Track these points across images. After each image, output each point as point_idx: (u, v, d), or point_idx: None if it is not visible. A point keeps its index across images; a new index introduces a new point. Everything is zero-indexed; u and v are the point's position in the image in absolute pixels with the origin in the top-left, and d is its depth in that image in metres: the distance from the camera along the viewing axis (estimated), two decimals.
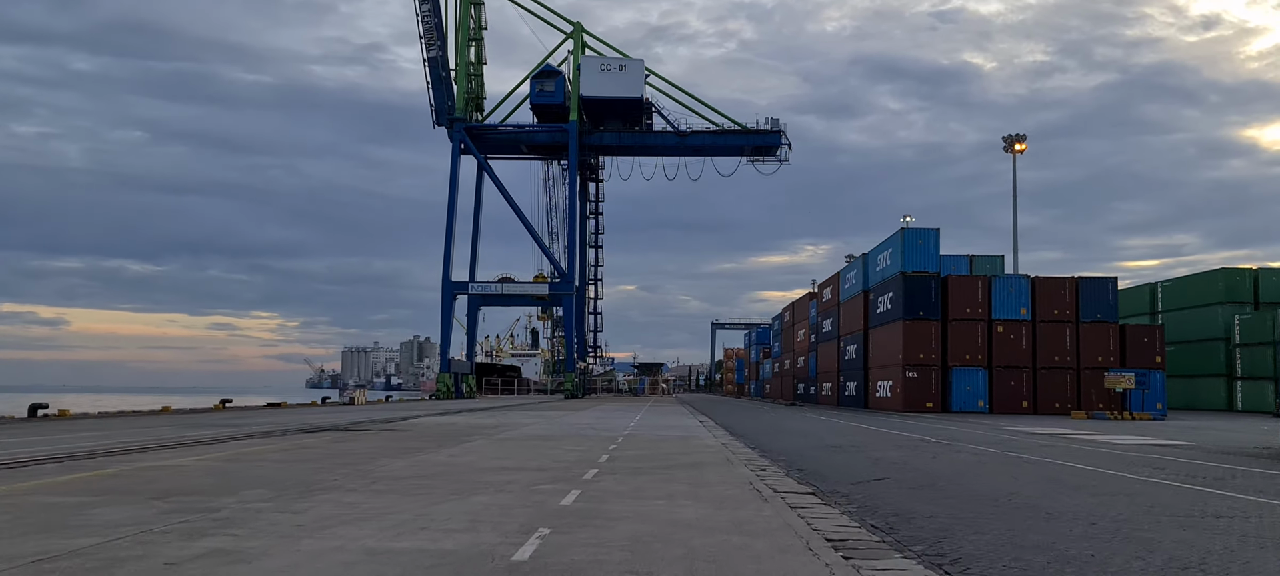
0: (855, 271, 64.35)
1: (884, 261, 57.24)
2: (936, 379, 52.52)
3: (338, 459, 17.20)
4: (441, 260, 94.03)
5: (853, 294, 64.68)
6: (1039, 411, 52.01)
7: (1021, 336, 52.83)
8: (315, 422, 31.40)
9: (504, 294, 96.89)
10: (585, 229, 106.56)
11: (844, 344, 67.14)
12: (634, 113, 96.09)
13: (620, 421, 35.00)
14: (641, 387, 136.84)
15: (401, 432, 26.49)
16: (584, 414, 43.17)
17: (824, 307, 74.78)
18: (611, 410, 49.50)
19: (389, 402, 69.06)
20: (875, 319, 58.99)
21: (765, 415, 48.99)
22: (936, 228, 54.20)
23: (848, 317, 66.10)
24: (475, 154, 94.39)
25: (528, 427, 29.70)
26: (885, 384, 56.31)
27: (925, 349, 52.65)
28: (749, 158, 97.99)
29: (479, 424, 32.25)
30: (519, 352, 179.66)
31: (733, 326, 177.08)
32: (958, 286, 53.32)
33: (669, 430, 29.35)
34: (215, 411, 43.94)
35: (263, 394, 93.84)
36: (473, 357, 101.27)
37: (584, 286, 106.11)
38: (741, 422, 38.07)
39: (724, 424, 35.59)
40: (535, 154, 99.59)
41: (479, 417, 37.49)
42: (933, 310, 52.90)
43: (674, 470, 15.95)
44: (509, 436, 25.01)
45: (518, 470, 15.44)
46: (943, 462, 19.09)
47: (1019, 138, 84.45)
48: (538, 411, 46.17)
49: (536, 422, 33.24)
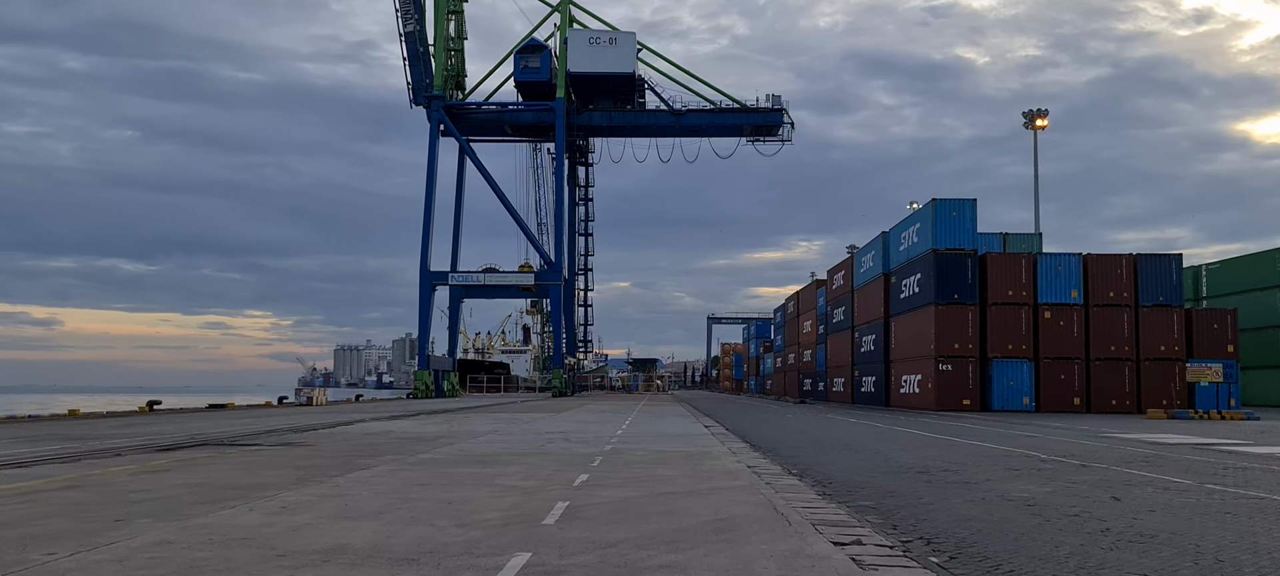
0: (873, 252, 56.42)
1: (909, 239, 49.29)
2: (974, 372, 44.62)
3: (70, 512, 9.32)
4: (420, 250, 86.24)
5: (870, 278, 56.75)
6: (1093, 409, 44.16)
7: (1072, 323, 44.94)
8: (214, 433, 23.44)
9: (487, 285, 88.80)
10: (574, 216, 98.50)
11: (859, 335, 59.23)
12: (625, 90, 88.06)
13: (605, 427, 27.06)
14: (635, 385, 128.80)
15: (295, 450, 18.50)
16: (564, 416, 35.18)
17: (834, 295, 66.87)
18: (598, 411, 41.52)
19: (356, 403, 61.24)
20: (898, 305, 51.08)
21: (781, 417, 40.99)
22: (973, 198, 46.32)
23: (864, 305, 58.19)
24: (456, 135, 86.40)
25: (477, 441, 21.68)
26: (911, 379, 48.39)
27: (961, 338, 44.74)
28: (749, 138, 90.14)
29: (419, 433, 24.26)
30: (511, 349, 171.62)
31: (730, 321, 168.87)
32: (998, 266, 45.39)
33: (668, 440, 21.43)
34: (138, 415, 36.29)
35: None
36: (455, 353, 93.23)
37: (573, 277, 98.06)
38: (758, 428, 30.09)
39: (737, 430, 27.63)
40: (520, 135, 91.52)
41: (429, 424, 29.43)
42: (969, 293, 44.99)
43: (688, 541, 8.03)
44: (436, 457, 17.00)
45: (366, 559, 7.47)
46: (1136, 507, 11.15)
47: (1040, 112, 76.54)
48: (510, 414, 38.15)
49: (495, 431, 25.24)
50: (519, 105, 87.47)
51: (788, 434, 26.72)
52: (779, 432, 27.30)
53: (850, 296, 61.61)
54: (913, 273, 48.37)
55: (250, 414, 38.32)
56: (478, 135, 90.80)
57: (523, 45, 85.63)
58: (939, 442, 22.44)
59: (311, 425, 27.77)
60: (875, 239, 56.20)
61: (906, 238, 49.95)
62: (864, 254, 58.89)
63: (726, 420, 34.64)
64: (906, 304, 49.52)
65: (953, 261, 45.03)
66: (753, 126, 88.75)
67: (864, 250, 59.06)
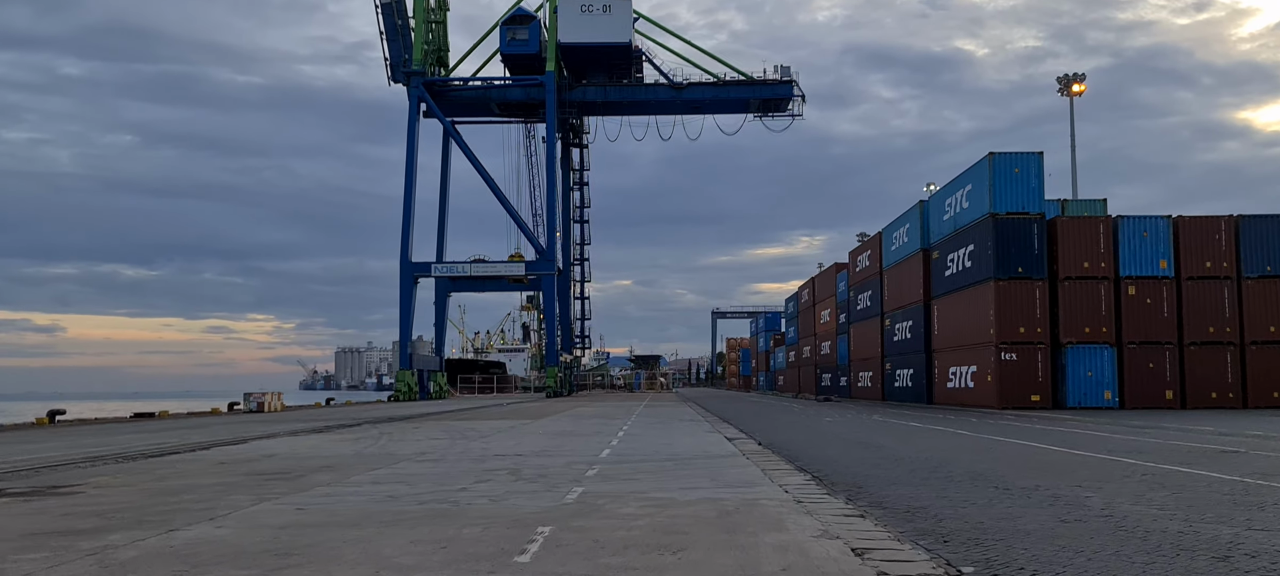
0: (908, 225, 47.97)
1: (957, 205, 40.87)
2: (1043, 361, 36.22)
3: None
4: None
5: (904, 255, 48.35)
6: (1188, 404, 35.80)
7: (1161, 300, 36.53)
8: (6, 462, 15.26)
9: (475, 277, 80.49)
10: (568, 202, 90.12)
11: (891, 322, 50.84)
12: (621, 62, 79.66)
13: (588, 443, 18.69)
14: (637, 383, 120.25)
15: (28, 505, 10.16)
16: (541, 425, 26.78)
17: (858, 278, 58.47)
18: (590, 416, 33.13)
19: (323, 407, 53.09)
20: (942, 284, 42.69)
21: (817, 421, 32.55)
22: (1038, 150, 37.94)
23: (897, 287, 49.79)
24: (438, 115, 78.11)
25: (372, 482, 13.29)
26: (963, 371, 39.98)
27: (1027, 320, 36.35)
28: (756, 114, 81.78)
29: (331, 455, 15.98)
30: (510, 348, 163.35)
31: (735, 315, 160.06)
32: (1071, 233, 36.96)
33: (678, 470, 13.07)
34: (33, 428, 28.51)
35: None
36: (442, 351, 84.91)
37: (569, 268, 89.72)
38: (802, 440, 21.70)
39: (773, 443, 19.26)
40: (508, 115, 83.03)
41: (344, 443, 21.01)
42: (1036, 266, 36.61)
43: None
44: (212, 536, 8.55)
45: None
46: None
47: (1077, 77, 67.94)
48: (474, 421, 29.72)
49: (423, 456, 16.83)
50: (506, 81, 79.12)
51: (849, 450, 18.28)
52: (837, 449, 18.84)
53: (878, 278, 53.23)
54: (962, 244, 39.98)
55: (166, 426, 30.17)
56: (463, 116, 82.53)
57: (509, 15, 77.32)
58: (1099, 464, 14.01)
59: (187, 445, 19.59)
60: (910, 210, 47.79)
61: (952, 204, 41.54)
62: (895, 228, 50.48)
63: (750, 426, 26.23)
64: (953, 282, 41.14)
65: (1016, 228, 36.63)
66: (760, 101, 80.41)
67: (895, 224, 50.66)
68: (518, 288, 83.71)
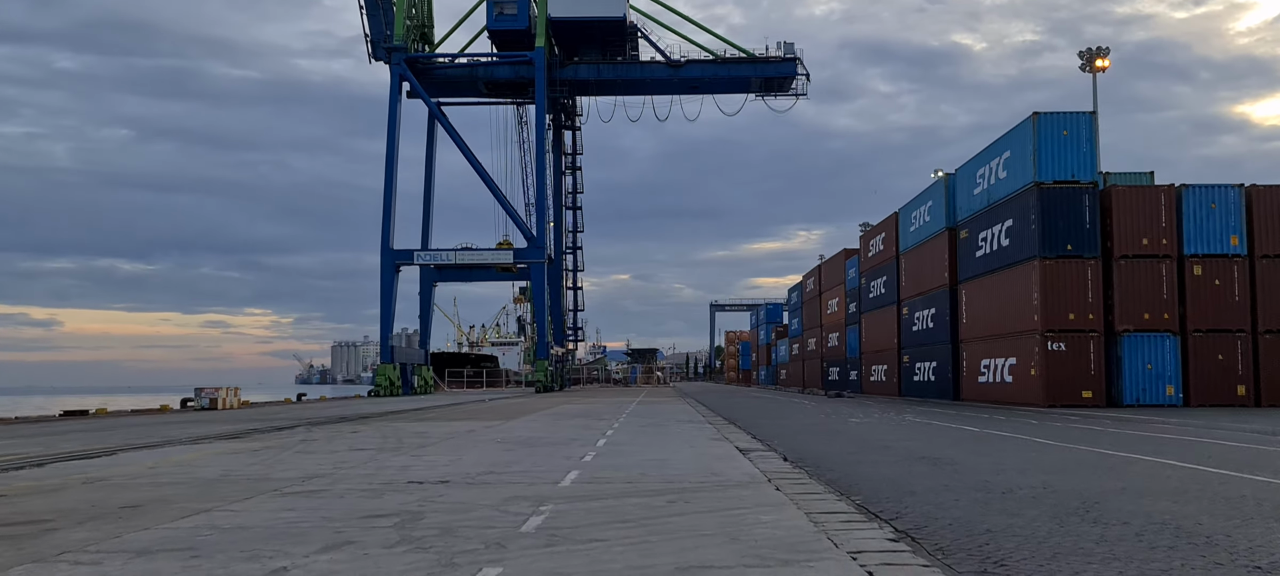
0: (930, 203, 42.78)
1: (992, 174, 35.66)
2: (1096, 352, 31.04)
3: None
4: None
5: (926, 236, 43.18)
6: (1263, 401, 30.70)
7: (1232, 281, 31.37)
8: None
9: (460, 265, 75.32)
10: (560, 187, 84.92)
11: (909, 310, 45.69)
12: (616, 39, 74.45)
13: (556, 456, 13.47)
14: (633, 377, 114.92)
15: None
16: (510, 427, 21.58)
17: (871, 264, 53.29)
18: (573, 415, 27.94)
19: (297, 403, 48.00)
20: (971, 266, 37.52)
21: (844, 423, 27.29)
22: (1089, 109, 32.76)
23: (917, 271, 44.62)
24: (423, 95, 72.87)
25: (230, 514, 8.04)
26: (997, 364, 34.82)
27: (1078, 305, 31.17)
28: (758, 93, 76.57)
29: (186, 479, 10.78)
30: (504, 342, 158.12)
31: (734, 308, 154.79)
32: (1128, 204, 31.74)
33: (672, 509, 7.91)
34: None
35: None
36: (427, 344, 79.69)
37: (561, 256, 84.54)
38: (838, 452, 16.48)
39: (810, 460, 14.05)
40: (496, 95, 77.69)
41: (256, 452, 15.75)
42: (1087, 242, 31.42)
43: None
44: None
45: None
46: None
47: (1100, 51, 62.48)
48: (436, 422, 24.47)
49: (332, 469, 11.66)
50: (493, 57, 73.88)
51: (913, 470, 12.95)
52: (896, 469, 13.49)
53: (895, 263, 48.06)
54: (997, 220, 34.79)
55: (86, 426, 25.19)
56: (448, 96, 77.29)
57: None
58: None
59: (53, 455, 14.61)
60: (932, 186, 42.58)
61: (985, 176, 36.34)
62: (914, 207, 45.28)
63: (764, 431, 21.04)
64: (986, 263, 35.97)
65: (1064, 199, 31.43)
66: (761, 80, 75.25)
67: (915, 202, 45.46)
68: (507, 277, 78.44)
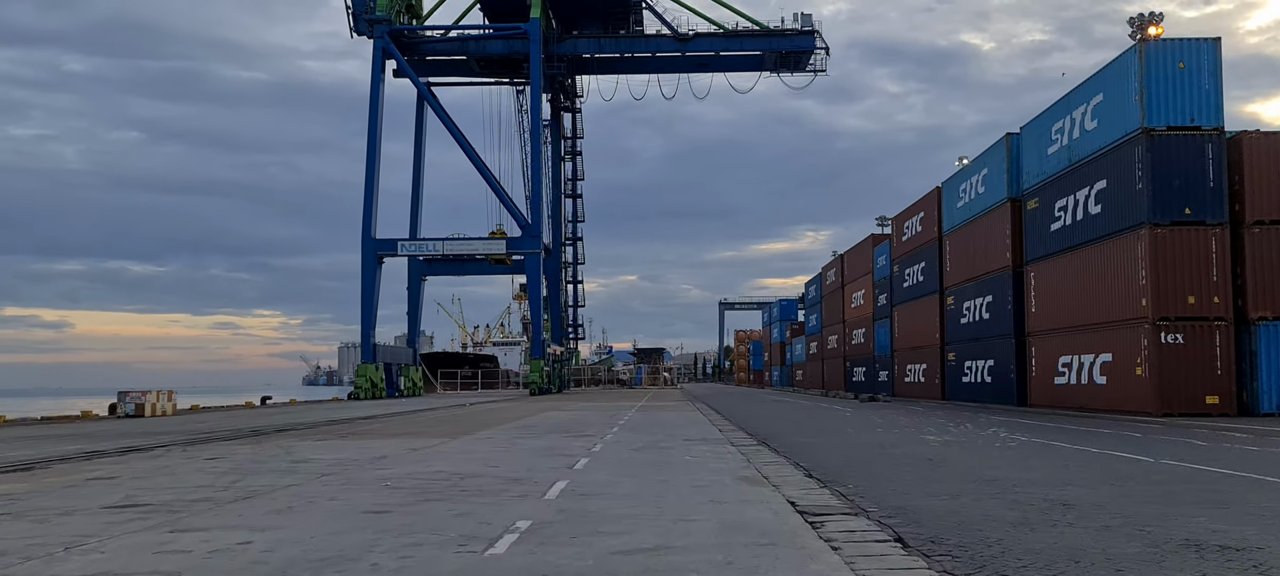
0: (985, 170, 35.47)
1: (1076, 126, 28.36)
2: (1224, 346, 23.81)
3: None
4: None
5: (978, 211, 35.92)
6: None
7: None
8: None
9: (449, 257, 68.22)
10: (559, 173, 77.84)
11: (957, 299, 38.45)
12: (618, 10, 67.27)
13: (456, 526, 6.47)
14: (638, 379, 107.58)
15: None
16: (448, 450, 14.47)
17: (905, 249, 46.02)
18: (550, 428, 20.73)
19: (256, 407, 41.19)
20: (1045, 241, 30.27)
21: (922, 445, 19.82)
22: (1214, 36, 25.56)
23: (966, 253, 37.38)
24: (409, 74, 65.87)
25: None
26: (1085, 362, 27.53)
27: (1199, 285, 23.91)
28: (772, 70, 69.38)
29: None
30: (505, 341, 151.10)
31: (744, 306, 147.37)
32: (1265, 155, 24.52)
33: None
34: None
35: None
36: (415, 343, 72.60)
37: (560, 248, 77.45)
38: (980, 515, 9.20)
39: (919, 516, 6.97)
40: (489, 73, 70.57)
41: None
42: (1210, 206, 24.18)
43: None
44: None
45: None
46: None
47: (1153, 18, 54.76)
48: (374, 438, 17.30)
49: None
50: (485, 30, 66.89)
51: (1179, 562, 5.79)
52: None
53: (936, 245, 40.83)
54: (1083, 183, 27.56)
55: None
56: (438, 75, 70.33)
57: None
58: None
59: None
60: (989, 150, 35.27)
61: (1065, 129, 29.08)
62: (964, 178, 38.00)
63: (821, 460, 13.88)
64: (1066, 238, 28.74)
65: (1181, 150, 24.22)
66: (777, 56, 68.01)
67: (962, 174, 38.20)
68: (501, 271, 71.29)
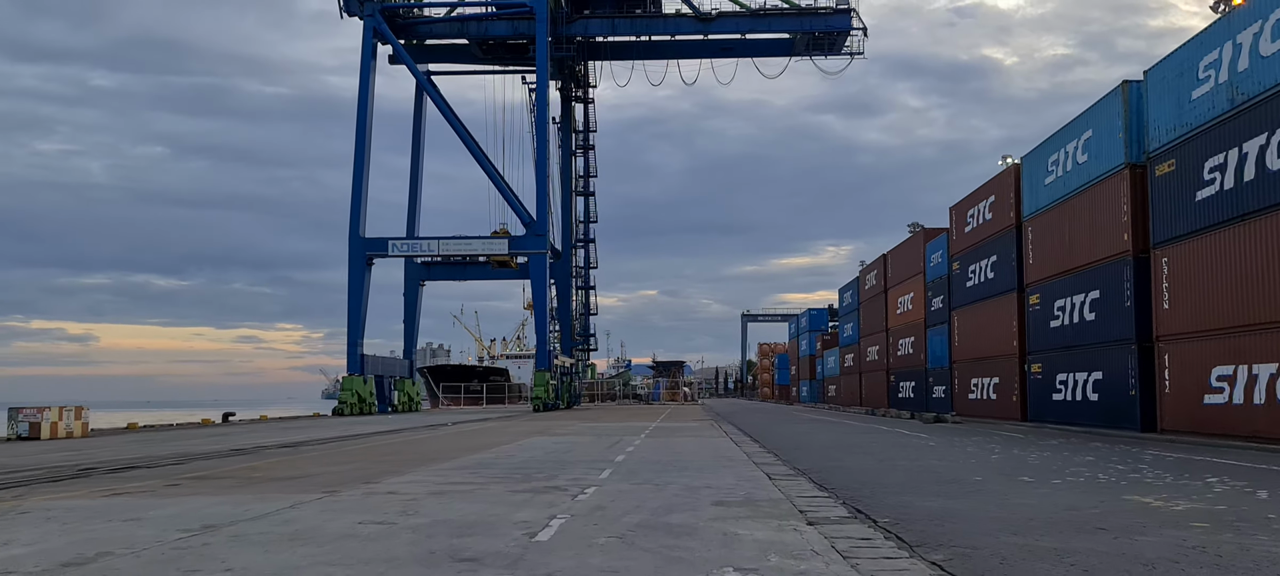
0: (1090, 132, 27.54)
1: (1242, 53, 20.51)
2: None
3: None
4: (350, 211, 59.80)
5: (1083, 183, 28.03)
6: None
7: None
8: None
9: (447, 260, 61.34)
10: (570, 170, 70.57)
11: (1046, 297, 30.54)
12: None
13: None
14: (656, 394, 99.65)
15: None
16: (237, 545, 7.14)
17: (969, 242, 38.15)
18: (505, 471, 13.18)
19: (222, 424, 34.14)
20: (1188, 215, 22.36)
21: (1148, 509, 11.95)
22: None
23: (1059, 239, 29.50)
24: (406, 59, 59.25)
25: None
26: (1257, 374, 19.65)
27: None
28: (803, 53, 61.87)
29: None
30: (519, 354, 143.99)
31: (767, 318, 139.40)
32: None
33: None
34: None
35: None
36: (412, 353, 65.45)
37: (570, 251, 70.13)
38: None
39: None
40: (492, 59, 63.46)
41: None
42: None
43: None
44: None
45: None
46: None
47: None
48: (211, 486, 10.00)
49: None
50: (487, 9, 59.90)
51: None
52: None
53: (1012, 235, 33.01)
54: (1250, 133, 19.77)
55: None
56: (438, 61, 63.53)
57: None
58: None
59: None
60: (1097, 106, 27.39)
61: (1218, 62, 21.26)
62: (1054, 149, 30.16)
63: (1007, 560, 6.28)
64: (1223, 205, 20.91)
65: None
66: (809, 38, 60.52)
67: (1053, 142, 30.36)
68: (506, 275, 64.00)
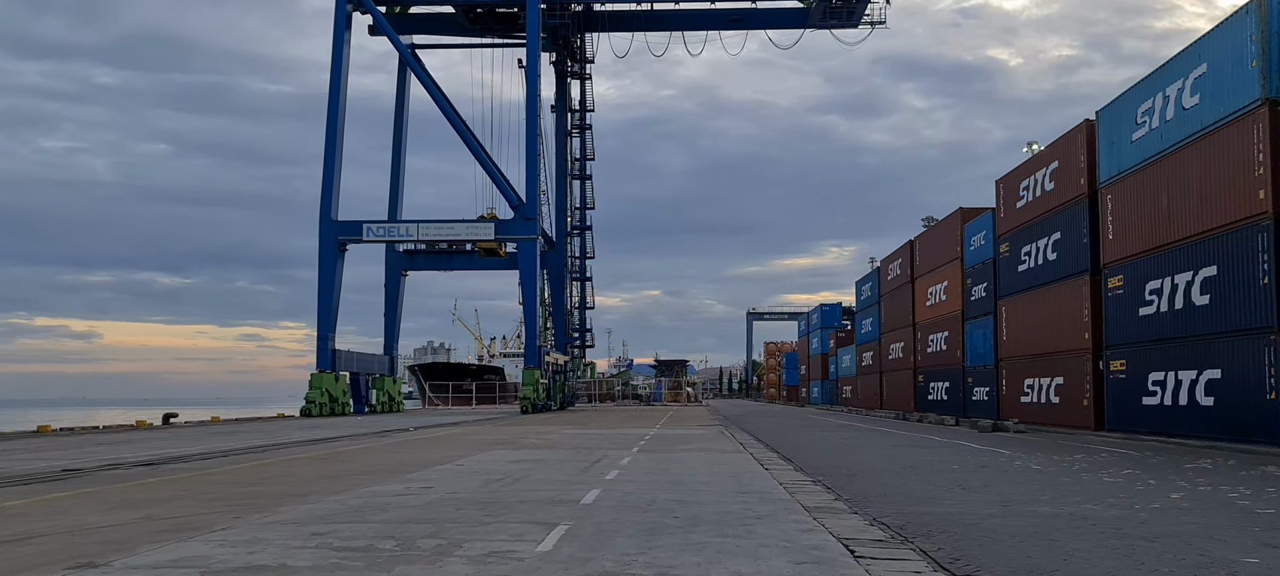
0: (1204, 66, 21.53)
1: None
2: None
3: None
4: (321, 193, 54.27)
5: (1193, 132, 22.15)
6: None
7: None
8: None
9: (428, 246, 55.64)
10: (566, 151, 64.79)
11: (1131, 280, 24.65)
12: None
13: None
14: (658, 394, 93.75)
15: None
16: None
17: (1021, 219, 32.21)
18: (395, 522, 7.34)
19: (164, 427, 28.57)
20: None
21: None
22: None
23: (1148, 207, 23.57)
24: (386, 29, 53.63)
25: None
26: None
27: None
28: (818, 24, 56.26)
29: None
30: (514, 352, 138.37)
31: (774, 316, 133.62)
32: None
33: None
34: None
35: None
36: (392, 349, 59.65)
37: (565, 240, 64.34)
38: None
39: None
40: (481, 29, 57.71)
41: None
42: None
43: None
44: None
45: None
46: None
47: None
48: None
49: None
50: None
51: None
52: None
53: (1084, 206, 27.14)
54: None
55: None
56: (422, 33, 57.88)
57: None
58: None
59: None
60: (1221, 25, 21.48)
61: None
62: (1149, 93, 24.29)
63: None
64: None
65: None
66: (824, 6, 54.92)
67: (1143, 88, 24.49)
68: (495, 264, 58.21)
